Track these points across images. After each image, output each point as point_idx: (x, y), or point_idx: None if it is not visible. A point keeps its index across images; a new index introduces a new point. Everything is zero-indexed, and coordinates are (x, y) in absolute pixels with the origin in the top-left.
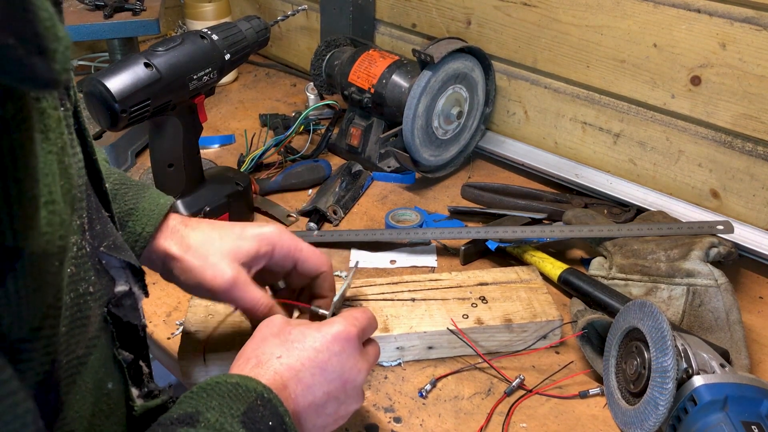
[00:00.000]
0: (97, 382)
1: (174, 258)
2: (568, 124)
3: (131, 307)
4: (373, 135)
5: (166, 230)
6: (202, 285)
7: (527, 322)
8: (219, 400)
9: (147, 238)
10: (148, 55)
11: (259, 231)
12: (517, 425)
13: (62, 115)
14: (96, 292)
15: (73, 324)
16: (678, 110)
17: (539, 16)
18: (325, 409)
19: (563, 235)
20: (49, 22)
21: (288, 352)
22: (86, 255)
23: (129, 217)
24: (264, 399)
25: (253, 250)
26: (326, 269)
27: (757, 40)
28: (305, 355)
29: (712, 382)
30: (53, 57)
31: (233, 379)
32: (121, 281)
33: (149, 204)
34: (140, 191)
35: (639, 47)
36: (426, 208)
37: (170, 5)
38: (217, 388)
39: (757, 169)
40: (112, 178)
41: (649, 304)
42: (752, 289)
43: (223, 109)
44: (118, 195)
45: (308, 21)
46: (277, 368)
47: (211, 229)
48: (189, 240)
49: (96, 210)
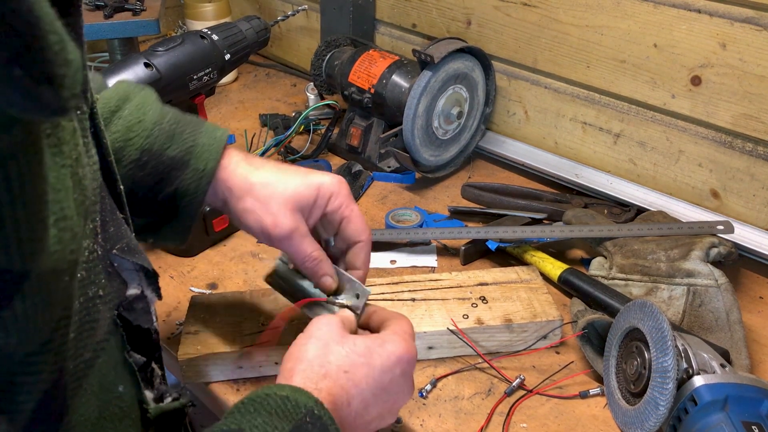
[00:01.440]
0: (107, 385)
1: (236, 197)
2: (568, 124)
3: (143, 311)
4: (373, 135)
5: (229, 165)
6: (261, 229)
7: (527, 322)
8: (265, 417)
9: (211, 174)
10: (148, 55)
11: (321, 180)
12: (518, 425)
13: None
14: (106, 295)
15: (82, 328)
16: (678, 110)
17: (539, 16)
18: (370, 425)
19: (563, 235)
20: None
21: (355, 369)
22: (97, 258)
23: (190, 155)
24: (314, 416)
25: (312, 198)
26: (365, 238)
27: (757, 40)
28: (372, 374)
29: (712, 382)
30: (62, 83)
31: (284, 391)
32: (133, 284)
33: (207, 139)
34: (197, 126)
35: (639, 47)
36: (426, 208)
37: (170, 5)
38: (266, 402)
39: (757, 169)
40: (168, 117)
41: (650, 304)
42: (752, 289)
43: (223, 109)
44: (176, 133)
45: (308, 21)
46: (344, 384)
47: (275, 170)
48: (252, 179)
49: (110, 212)
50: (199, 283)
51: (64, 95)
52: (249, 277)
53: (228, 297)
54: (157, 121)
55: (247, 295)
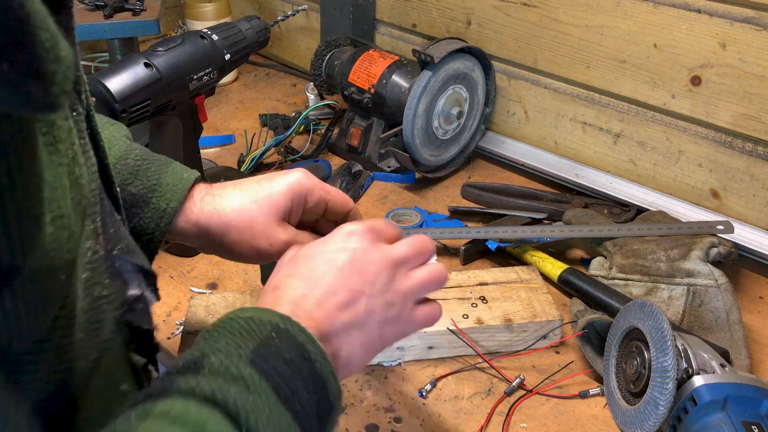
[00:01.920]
0: (111, 384)
1: (218, 234)
2: (568, 124)
3: (143, 311)
4: (373, 135)
5: (195, 204)
6: (259, 254)
7: (527, 322)
8: (228, 339)
9: (172, 214)
10: (148, 55)
11: (286, 182)
12: (517, 425)
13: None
14: (110, 295)
15: (89, 328)
16: (678, 110)
17: (539, 16)
18: (355, 307)
19: (563, 235)
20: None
21: (298, 268)
22: (101, 259)
23: (153, 193)
24: (280, 330)
25: (289, 203)
26: (352, 204)
27: (757, 40)
28: (314, 261)
29: (712, 382)
30: (52, 79)
31: (247, 313)
32: (133, 285)
33: (172, 179)
34: (163, 166)
35: (639, 47)
36: (426, 208)
37: (170, 5)
38: (229, 325)
39: (757, 169)
40: (133, 153)
41: (650, 304)
42: (752, 289)
43: (223, 109)
44: (141, 170)
45: (308, 21)
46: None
47: (240, 193)
48: (225, 211)
49: (109, 214)
50: (199, 283)
51: (55, 91)
52: (249, 277)
53: (228, 297)
54: (122, 156)
55: (247, 295)
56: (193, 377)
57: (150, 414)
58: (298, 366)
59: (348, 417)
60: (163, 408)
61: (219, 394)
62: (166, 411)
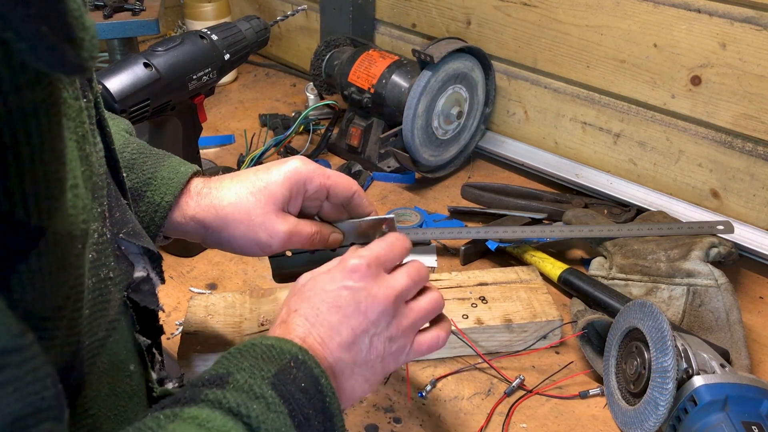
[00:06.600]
0: (117, 364)
1: (216, 228)
2: (568, 124)
3: (149, 292)
4: (373, 135)
5: (191, 198)
6: (259, 246)
7: (527, 322)
8: (251, 361)
9: (167, 208)
10: (148, 55)
11: (283, 171)
12: (517, 425)
13: (84, 106)
14: (116, 276)
15: (95, 307)
16: (678, 110)
17: (539, 16)
18: (358, 346)
19: (563, 235)
20: (77, 12)
21: (303, 303)
22: (107, 241)
23: (147, 187)
24: (298, 361)
25: (287, 192)
26: (356, 187)
27: (757, 40)
28: (318, 299)
29: (712, 383)
30: (81, 45)
31: (269, 341)
32: (139, 267)
33: (168, 172)
34: (160, 160)
35: (639, 47)
36: (426, 208)
37: (170, 5)
38: (252, 349)
39: (757, 169)
40: (130, 147)
41: (650, 304)
42: (752, 289)
43: (223, 109)
44: (137, 164)
45: (308, 21)
46: (298, 322)
47: (236, 186)
48: (222, 204)
49: (115, 198)
50: (199, 283)
51: (84, 55)
52: (249, 277)
53: (227, 297)
54: (118, 150)
55: (247, 295)
56: (219, 390)
57: (178, 416)
58: (312, 396)
59: (348, 417)
60: (191, 413)
61: (243, 408)
62: (194, 416)
